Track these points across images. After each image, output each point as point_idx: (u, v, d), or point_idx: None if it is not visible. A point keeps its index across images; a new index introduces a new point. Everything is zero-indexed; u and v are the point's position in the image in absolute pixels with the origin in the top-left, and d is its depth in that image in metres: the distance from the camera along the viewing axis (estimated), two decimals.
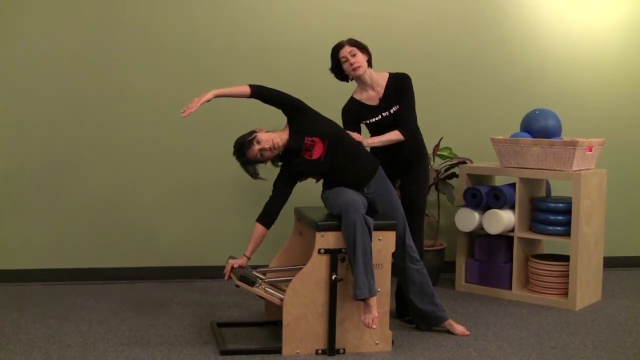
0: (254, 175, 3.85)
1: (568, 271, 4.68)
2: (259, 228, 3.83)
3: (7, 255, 5.01)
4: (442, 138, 5.21)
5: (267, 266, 4.17)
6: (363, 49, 4.10)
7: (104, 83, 5.04)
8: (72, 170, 5.04)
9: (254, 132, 3.81)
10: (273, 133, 3.82)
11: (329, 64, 4.15)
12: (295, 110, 3.85)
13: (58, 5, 4.96)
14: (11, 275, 5.00)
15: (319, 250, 3.68)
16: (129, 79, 5.07)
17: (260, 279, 3.84)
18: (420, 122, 4.25)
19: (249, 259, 3.87)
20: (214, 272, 5.11)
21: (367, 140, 4.07)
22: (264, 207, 3.85)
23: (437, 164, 5.25)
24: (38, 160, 5.00)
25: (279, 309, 3.79)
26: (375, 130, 4.18)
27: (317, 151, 3.83)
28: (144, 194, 5.13)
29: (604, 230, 4.94)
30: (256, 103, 3.90)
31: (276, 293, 3.78)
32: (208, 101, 3.77)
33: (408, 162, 4.22)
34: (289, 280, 3.76)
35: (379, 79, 4.16)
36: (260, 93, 3.83)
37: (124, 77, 5.06)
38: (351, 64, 4.07)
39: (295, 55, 5.22)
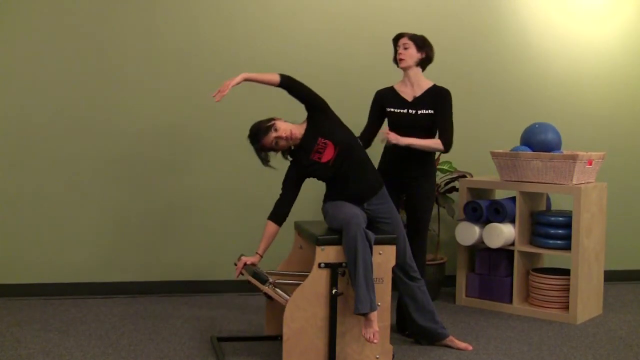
0: (265, 161, 3.85)
1: (569, 285, 4.67)
2: (271, 226, 3.84)
3: (7, 270, 5.00)
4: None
5: None
6: (421, 47, 4.19)
7: (105, 101, 5.05)
8: (71, 185, 5.04)
9: (272, 119, 3.82)
10: (291, 124, 3.84)
11: (329, 68, 4.15)
12: (316, 109, 3.86)
13: (58, 13, 4.98)
14: (11, 290, 4.99)
15: (319, 264, 3.68)
16: (129, 97, 5.07)
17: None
18: None
19: (261, 256, 3.87)
20: (215, 287, 5.10)
21: (404, 139, 4.07)
22: (275, 205, 3.88)
23: (437, 178, 5.24)
24: (37, 177, 4.99)
25: (279, 323, 3.78)
26: (393, 123, 4.25)
27: (328, 155, 3.83)
28: (145, 208, 5.13)
29: (605, 244, 4.94)
30: (261, 115, 3.93)
31: (284, 294, 3.77)
32: (238, 84, 3.77)
33: (416, 177, 4.24)
34: (295, 284, 3.75)
35: (423, 82, 4.25)
36: (287, 84, 3.82)
37: (124, 94, 5.07)
38: (399, 54, 4.19)
39: (295, 61, 5.22)
